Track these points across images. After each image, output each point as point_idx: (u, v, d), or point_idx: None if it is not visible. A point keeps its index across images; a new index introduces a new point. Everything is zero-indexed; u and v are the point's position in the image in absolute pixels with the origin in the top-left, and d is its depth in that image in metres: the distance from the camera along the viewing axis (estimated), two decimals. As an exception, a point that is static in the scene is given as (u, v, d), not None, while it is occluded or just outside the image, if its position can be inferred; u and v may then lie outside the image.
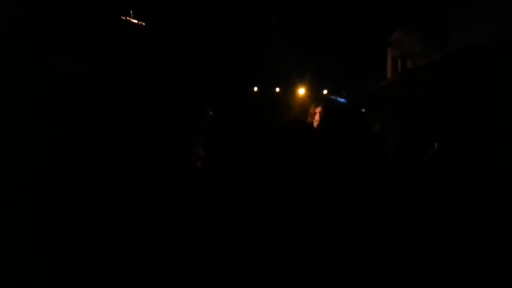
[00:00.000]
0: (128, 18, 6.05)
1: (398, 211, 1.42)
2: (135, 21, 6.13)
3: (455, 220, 1.39)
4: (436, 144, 5.19)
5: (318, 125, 4.82)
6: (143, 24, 6.30)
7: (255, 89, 9.28)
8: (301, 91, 9.29)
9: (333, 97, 9.24)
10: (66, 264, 1.52)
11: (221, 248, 1.55)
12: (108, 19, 5.37)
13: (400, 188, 1.77)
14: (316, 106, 5.68)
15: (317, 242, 1.39)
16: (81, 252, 1.54)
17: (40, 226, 1.61)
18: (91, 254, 1.54)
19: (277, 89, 9.23)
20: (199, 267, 1.52)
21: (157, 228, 1.55)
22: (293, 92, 9.34)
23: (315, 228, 1.40)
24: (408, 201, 1.57)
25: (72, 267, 1.52)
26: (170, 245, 1.56)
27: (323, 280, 1.35)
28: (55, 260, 1.54)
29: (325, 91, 9.27)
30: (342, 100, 9.30)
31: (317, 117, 5.36)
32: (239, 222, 1.57)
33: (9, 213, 1.67)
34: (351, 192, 1.44)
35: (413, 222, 1.43)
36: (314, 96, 9.09)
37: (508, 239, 1.35)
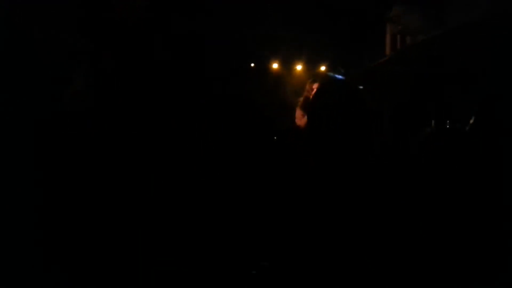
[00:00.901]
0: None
1: (395, 204, 1.38)
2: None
3: (454, 206, 1.34)
4: (433, 122, 5.14)
5: (311, 99, 4.74)
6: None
7: (252, 65, 9.18)
8: (299, 67, 9.20)
9: (331, 73, 9.15)
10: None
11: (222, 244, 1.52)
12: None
13: (394, 168, 1.72)
14: (313, 82, 5.59)
15: (318, 240, 1.34)
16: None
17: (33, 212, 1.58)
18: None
19: (274, 65, 9.12)
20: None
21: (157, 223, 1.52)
22: (290, 68, 9.24)
23: (314, 225, 1.36)
24: (404, 187, 1.53)
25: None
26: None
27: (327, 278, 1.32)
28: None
29: (322, 67, 9.17)
30: (340, 76, 9.20)
31: (313, 93, 5.29)
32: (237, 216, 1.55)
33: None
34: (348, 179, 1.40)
35: (412, 217, 1.39)
36: (311, 72, 9.00)
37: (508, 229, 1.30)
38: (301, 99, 5.64)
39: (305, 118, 5.19)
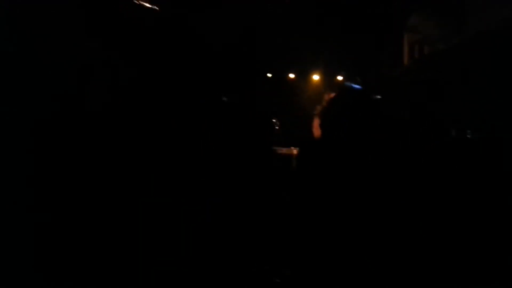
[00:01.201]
0: (140, 1, 5.97)
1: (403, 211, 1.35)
2: (148, 5, 6.05)
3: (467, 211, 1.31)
4: (453, 132, 5.07)
5: (325, 107, 4.71)
6: (156, 8, 6.22)
7: (269, 75, 9.19)
8: (316, 77, 9.18)
9: (348, 83, 9.09)
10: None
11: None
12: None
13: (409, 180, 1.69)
14: (331, 92, 5.56)
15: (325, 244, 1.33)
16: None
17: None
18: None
19: (291, 75, 9.13)
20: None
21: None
22: (307, 78, 9.23)
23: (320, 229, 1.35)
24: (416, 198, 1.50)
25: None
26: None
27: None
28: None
29: (339, 77, 9.14)
30: (357, 86, 9.15)
31: (328, 101, 5.27)
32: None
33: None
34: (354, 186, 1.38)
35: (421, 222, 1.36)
36: (329, 82, 8.97)
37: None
38: (319, 108, 5.62)
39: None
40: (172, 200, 1.58)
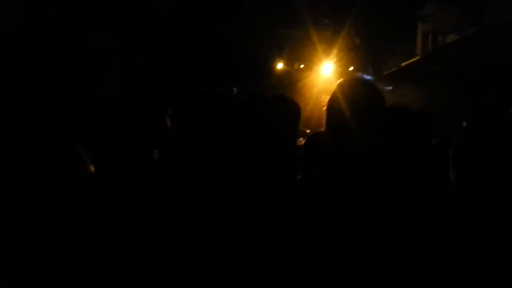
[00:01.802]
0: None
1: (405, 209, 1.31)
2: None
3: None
4: (464, 123, 4.97)
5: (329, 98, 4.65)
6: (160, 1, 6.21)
7: (279, 66, 9.13)
8: (327, 67, 9.09)
9: (359, 74, 9.00)
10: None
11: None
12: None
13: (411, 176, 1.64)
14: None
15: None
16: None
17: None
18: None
19: (301, 66, 9.05)
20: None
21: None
22: (318, 68, 9.15)
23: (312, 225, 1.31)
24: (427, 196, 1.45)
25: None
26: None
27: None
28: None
29: (351, 68, 9.04)
30: (368, 77, 9.04)
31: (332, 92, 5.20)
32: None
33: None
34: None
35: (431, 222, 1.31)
36: (340, 73, 8.88)
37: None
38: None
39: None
40: (175, 200, 1.54)
